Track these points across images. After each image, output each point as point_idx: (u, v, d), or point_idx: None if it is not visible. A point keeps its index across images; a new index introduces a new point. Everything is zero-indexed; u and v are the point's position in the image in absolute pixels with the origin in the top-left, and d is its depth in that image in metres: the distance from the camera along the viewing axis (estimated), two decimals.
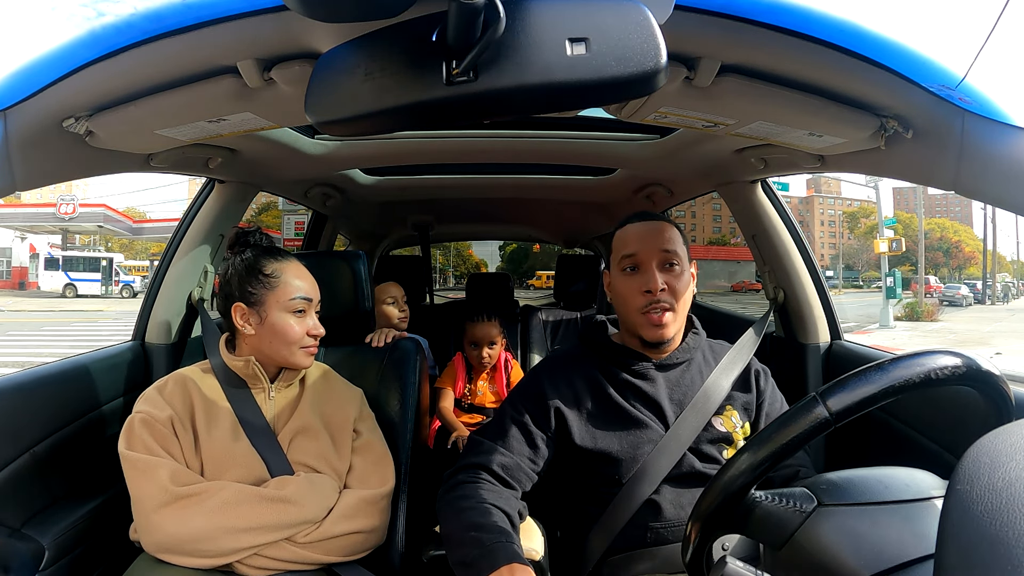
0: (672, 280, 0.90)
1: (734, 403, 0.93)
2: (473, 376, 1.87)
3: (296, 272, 0.97)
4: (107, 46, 0.62)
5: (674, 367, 0.94)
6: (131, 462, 0.84)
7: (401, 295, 1.82)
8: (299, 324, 0.95)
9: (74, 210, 20.33)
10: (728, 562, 0.44)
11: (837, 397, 0.46)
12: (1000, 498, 0.29)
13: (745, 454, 0.46)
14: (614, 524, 0.86)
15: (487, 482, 0.85)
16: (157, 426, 0.87)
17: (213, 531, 0.80)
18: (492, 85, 0.43)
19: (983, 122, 0.62)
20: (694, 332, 0.98)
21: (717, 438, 0.89)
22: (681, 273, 0.92)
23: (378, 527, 0.94)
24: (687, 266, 0.93)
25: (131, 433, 0.86)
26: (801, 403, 0.48)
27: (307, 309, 0.96)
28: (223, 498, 0.82)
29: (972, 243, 54.04)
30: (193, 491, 0.82)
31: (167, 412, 0.89)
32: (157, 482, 0.82)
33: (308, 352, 0.96)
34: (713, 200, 9.02)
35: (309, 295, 0.97)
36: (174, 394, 0.92)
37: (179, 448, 0.88)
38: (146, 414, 0.88)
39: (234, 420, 0.92)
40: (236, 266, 0.96)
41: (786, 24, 0.60)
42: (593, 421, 0.91)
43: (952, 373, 0.44)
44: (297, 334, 0.94)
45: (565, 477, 0.97)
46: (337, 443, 0.97)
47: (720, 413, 0.91)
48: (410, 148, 1.32)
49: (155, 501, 0.81)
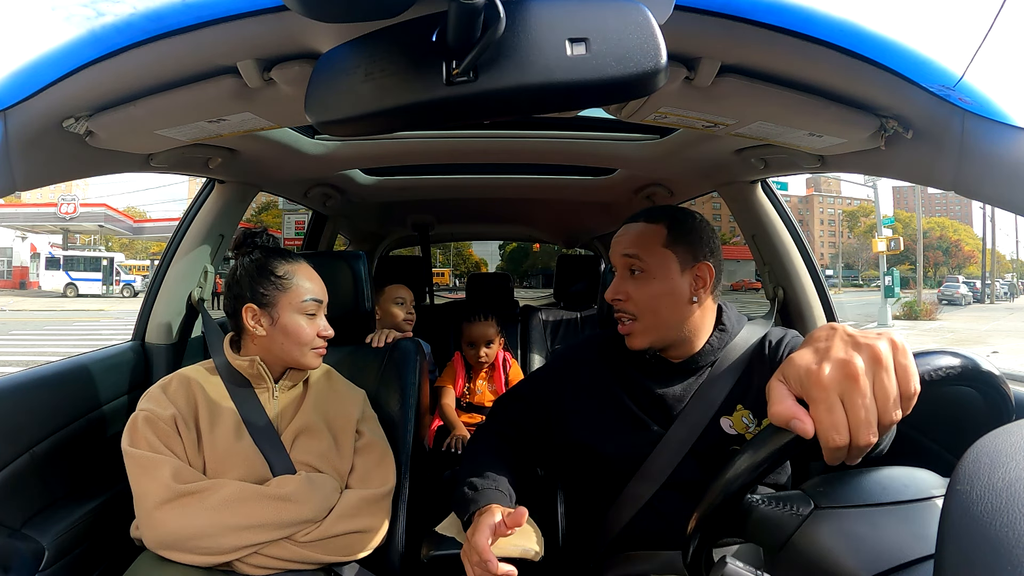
0: (633, 288, 0.85)
1: (745, 401, 0.84)
2: (472, 375, 1.88)
3: (307, 274, 0.99)
4: (107, 46, 0.62)
5: (693, 370, 0.87)
6: (134, 459, 0.84)
7: (410, 298, 1.82)
8: (310, 325, 0.96)
9: (75, 210, 20.33)
10: (728, 563, 0.44)
11: None
12: (1000, 498, 0.29)
13: (744, 455, 0.46)
14: (613, 525, 0.86)
15: (493, 440, 0.94)
16: (160, 424, 0.87)
17: (214, 528, 0.80)
18: (492, 85, 0.43)
19: (983, 122, 0.62)
20: (720, 330, 0.89)
21: (724, 440, 0.82)
22: (646, 280, 0.84)
23: (379, 527, 0.94)
24: (659, 270, 0.84)
25: (134, 430, 0.87)
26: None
27: (318, 311, 0.98)
28: (224, 495, 0.83)
29: (972, 242, 54.06)
30: (195, 488, 0.83)
31: (170, 410, 0.89)
32: (159, 479, 0.82)
33: (318, 353, 0.97)
34: (713, 200, 9.02)
35: (320, 297, 0.98)
36: (178, 393, 0.92)
37: (182, 446, 0.88)
38: (149, 412, 0.88)
39: (238, 419, 0.92)
40: (246, 267, 0.96)
41: (786, 24, 0.60)
42: (595, 417, 0.90)
43: (952, 373, 0.44)
44: (308, 335, 0.95)
45: (566, 475, 0.97)
46: (339, 443, 0.97)
47: (729, 413, 0.84)
48: (410, 148, 1.32)
49: (157, 498, 0.81)
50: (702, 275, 0.85)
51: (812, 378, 0.42)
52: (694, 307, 0.85)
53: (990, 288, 26.56)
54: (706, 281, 0.85)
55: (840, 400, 0.41)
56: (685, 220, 0.88)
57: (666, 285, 0.84)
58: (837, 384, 0.42)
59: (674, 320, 0.85)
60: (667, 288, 0.84)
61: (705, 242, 0.87)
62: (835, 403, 0.41)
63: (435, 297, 2.82)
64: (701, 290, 0.85)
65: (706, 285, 0.85)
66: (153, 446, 0.85)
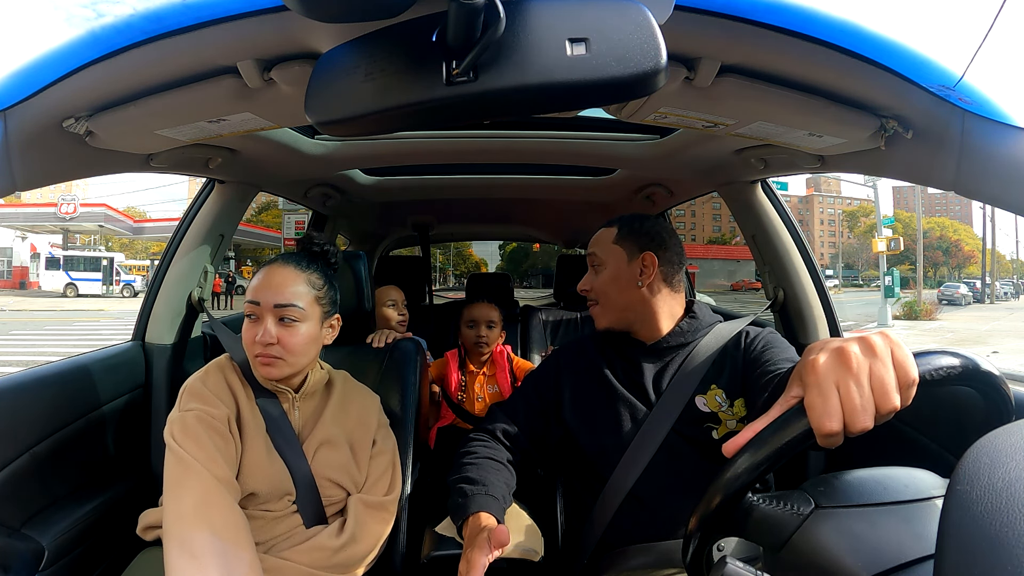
0: (594, 279, 1.01)
1: (719, 381, 0.92)
2: (467, 372, 1.75)
3: (261, 273, 0.90)
4: (107, 46, 0.62)
5: (666, 351, 0.97)
6: (182, 461, 0.78)
7: (401, 299, 1.81)
8: (248, 331, 0.87)
9: (75, 210, 20.33)
10: (728, 562, 0.44)
11: None
12: (1000, 498, 0.29)
13: (744, 455, 0.46)
14: (600, 519, 0.88)
15: (489, 441, 0.98)
16: (216, 424, 0.83)
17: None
18: (492, 85, 0.43)
19: (983, 122, 0.62)
20: (690, 317, 1.00)
21: (699, 418, 0.89)
22: (601, 271, 1.00)
23: (384, 533, 0.94)
24: (609, 261, 0.99)
25: (184, 428, 0.81)
26: (800, 404, 0.48)
27: (258, 314, 0.87)
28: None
29: (971, 242, 54.08)
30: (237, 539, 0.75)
31: (223, 410, 0.86)
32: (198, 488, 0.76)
33: (262, 362, 0.87)
34: (713, 200, 8.98)
35: (256, 298, 0.87)
36: (219, 389, 0.88)
37: (233, 449, 0.84)
38: (202, 411, 0.83)
39: (264, 428, 0.90)
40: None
41: (786, 24, 0.60)
42: (585, 400, 0.97)
43: (952, 373, 0.44)
44: (247, 342, 0.88)
45: (564, 473, 0.98)
46: (357, 456, 0.96)
47: (703, 392, 0.91)
48: (410, 148, 1.32)
49: (197, 515, 0.75)
50: (647, 264, 0.97)
51: (809, 366, 0.45)
52: (643, 291, 0.97)
53: (990, 288, 26.56)
54: (651, 269, 0.97)
55: (836, 387, 0.43)
56: (634, 221, 1.02)
57: (614, 272, 0.99)
58: (831, 371, 0.43)
59: (623, 302, 0.98)
60: (615, 275, 0.98)
61: (652, 237, 0.99)
62: (829, 389, 0.43)
63: (435, 297, 2.82)
64: (647, 276, 0.97)
65: (651, 272, 0.97)
66: (204, 448, 0.80)
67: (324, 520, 0.91)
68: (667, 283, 0.99)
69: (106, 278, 20.42)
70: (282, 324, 0.87)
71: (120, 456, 1.18)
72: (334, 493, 0.92)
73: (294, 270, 0.91)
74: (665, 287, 0.98)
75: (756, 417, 0.48)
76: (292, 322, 0.87)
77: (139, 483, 1.18)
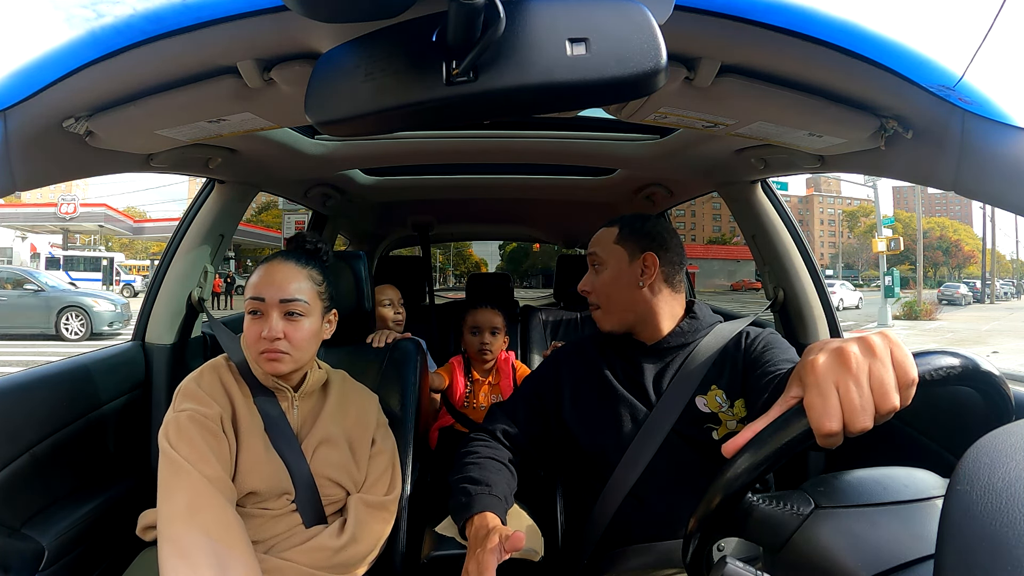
0: (595, 280, 1.00)
1: (719, 382, 0.92)
2: (473, 380, 1.72)
3: (261, 270, 0.90)
4: (107, 46, 0.62)
5: (667, 351, 0.96)
6: (173, 462, 0.79)
7: (398, 298, 1.80)
8: (252, 327, 0.88)
9: (75, 210, 20.32)
10: (728, 563, 0.44)
11: None
12: (1000, 498, 0.29)
13: (744, 455, 0.46)
14: (604, 514, 0.88)
15: (490, 441, 0.97)
16: (209, 423, 0.83)
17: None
18: (492, 85, 0.43)
19: (983, 122, 0.62)
20: (691, 317, 0.99)
21: (700, 418, 0.89)
22: (602, 271, 0.99)
23: (385, 533, 0.94)
24: (610, 261, 0.98)
25: (178, 429, 0.81)
26: (800, 404, 0.48)
27: (263, 310, 0.88)
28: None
29: (971, 242, 54.09)
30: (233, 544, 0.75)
31: (216, 409, 0.85)
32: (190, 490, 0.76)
33: (268, 358, 0.87)
34: (713, 200, 9.01)
35: (259, 294, 0.88)
36: (213, 388, 0.88)
37: (226, 448, 0.84)
38: (194, 411, 0.83)
39: (263, 427, 0.89)
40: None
41: (786, 24, 0.60)
42: (585, 400, 0.97)
43: (952, 373, 0.44)
44: (251, 338, 0.88)
45: (564, 473, 0.98)
46: (356, 455, 0.96)
47: (704, 393, 0.91)
48: (410, 148, 1.32)
49: (189, 519, 0.75)
50: (648, 264, 0.96)
51: (808, 366, 0.45)
52: (644, 292, 0.96)
53: (990, 288, 26.57)
54: (652, 269, 0.96)
55: (835, 387, 0.43)
56: (635, 221, 1.01)
57: (615, 273, 0.98)
58: (831, 371, 0.43)
59: (625, 302, 0.97)
60: (616, 275, 0.98)
61: (653, 237, 0.98)
62: (828, 389, 0.43)
63: (435, 297, 2.81)
64: (648, 277, 0.96)
65: (652, 272, 0.96)
66: (198, 450, 0.80)
67: (323, 519, 0.91)
68: (668, 283, 0.98)
69: (106, 278, 20.38)
70: (288, 319, 0.88)
71: (120, 456, 1.18)
72: (333, 492, 0.92)
73: (295, 266, 0.92)
74: (666, 287, 0.98)
75: (756, 418, 0.48)
76: (298, 316, 0.89)
77: (139, 483, 1.18)
